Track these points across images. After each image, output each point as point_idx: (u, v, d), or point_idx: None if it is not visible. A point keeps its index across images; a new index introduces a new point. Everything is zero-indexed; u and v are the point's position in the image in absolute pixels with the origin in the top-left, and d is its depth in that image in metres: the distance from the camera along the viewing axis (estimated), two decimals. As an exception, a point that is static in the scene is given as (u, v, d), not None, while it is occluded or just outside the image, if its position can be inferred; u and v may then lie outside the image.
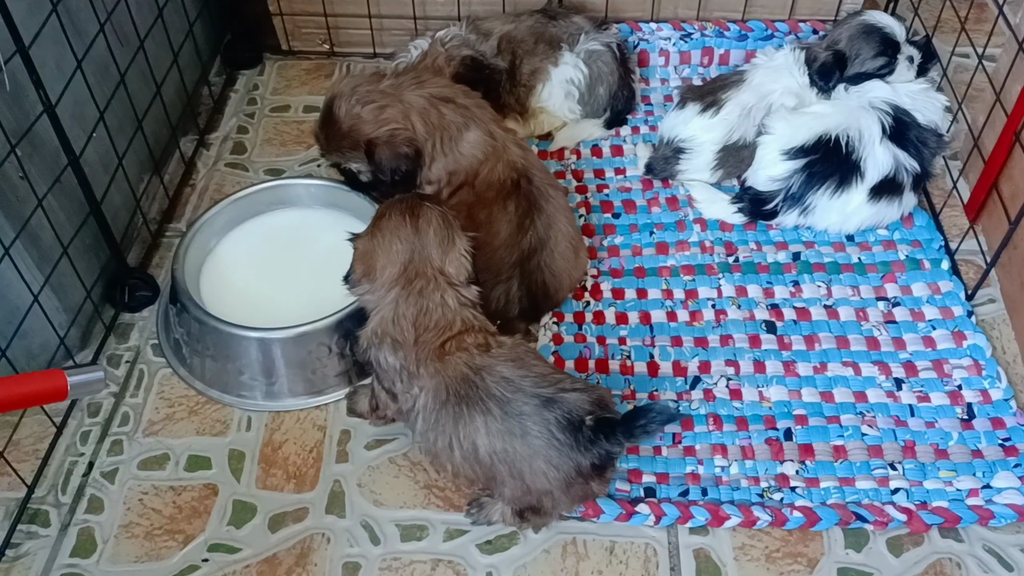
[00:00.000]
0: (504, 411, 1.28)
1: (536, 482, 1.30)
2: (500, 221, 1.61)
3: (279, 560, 1.42)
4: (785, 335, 1.67)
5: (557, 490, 1.31)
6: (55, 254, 1.56)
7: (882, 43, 1.82)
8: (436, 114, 1.63)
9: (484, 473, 1.33)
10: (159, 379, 1.67)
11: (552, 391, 1.28)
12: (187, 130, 2.10)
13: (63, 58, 1.56)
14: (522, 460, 1.28)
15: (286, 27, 2.26)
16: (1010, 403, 1.55)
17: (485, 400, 1.29)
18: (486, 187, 1.62)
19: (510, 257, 1.61)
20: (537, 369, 1.31)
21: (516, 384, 1.29)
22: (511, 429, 1.28)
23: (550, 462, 1.27)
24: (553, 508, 1.37)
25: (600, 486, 1.34)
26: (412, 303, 1.34)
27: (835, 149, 1.74)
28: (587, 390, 1.30)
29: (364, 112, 1.62)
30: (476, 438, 1.29)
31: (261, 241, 1.80)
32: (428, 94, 1.64)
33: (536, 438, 1.27)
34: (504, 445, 1.28)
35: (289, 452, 1.55)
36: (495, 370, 1.30)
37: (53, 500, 1.51)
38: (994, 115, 1.74)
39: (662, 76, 2.19)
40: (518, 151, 1.67)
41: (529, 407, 1.27)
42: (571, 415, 1.26)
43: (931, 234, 1.82)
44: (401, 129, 1.62)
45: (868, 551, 1.41)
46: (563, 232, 1.66)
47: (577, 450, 1.26)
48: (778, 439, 1.52)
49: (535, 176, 1.65)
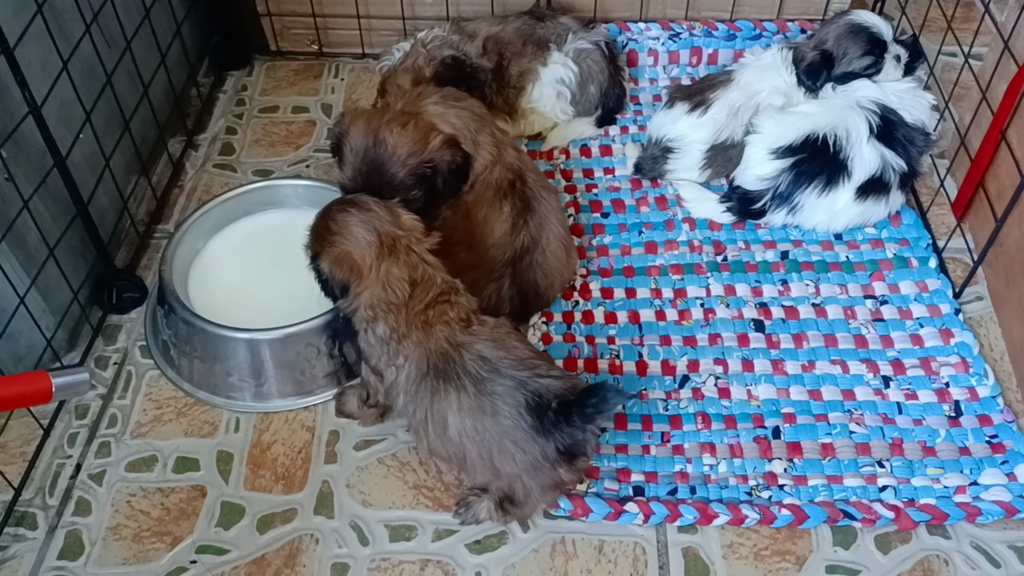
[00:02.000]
0: (478, 389, 1.29)
1: (504, 465, 1.30)
2: (495, 220, 1.61)
3: (267, 561, 1.42)
4: (773, 333, 1.67)
5: (525, 475, 1.31)
6: (41, 256, 1.55)
7: (869, 42, 1.82)
8: (454, 114, 1.62)
9: (454, 452, 1.34)
10: (147, 381, 1.66)
11: (528, 374, 1.29)
12: (175, 131, 2.09)
13: (49, 59, 1.56)
14: (491, 440, 1.29)
15: (274, 28, 2.25)
16: (997, 400, 1.56)
17: (461, 376, 1.30)
18: (485, 187, 1.63)
19: (503, 255, 1.62)
20: (517, 352, 1.32)
21: (493, 364, 1.30)
22: (482, 407, 1.28)
23: (517, 444, 1.28)
24: (526, 497, 1.36)
25: (569, 474, 1.33)
26: (403, 263, 1.37)
27: (823, 148, 1.75)
28: (563, 377, 1.31)
29: (409, 134, 1.57)
30: (448, 414, 1.31)
31: (249, 242, 1.80)
32: (440, 98, 1.64)
33: (506, 418, 1.27)
34: (474, 423, 1.29)
35: (277, 453, 1.55)
36: (474, 348, 1.32)
37: (40, 502, 1.50)
38: (980, 114, 1.75)
39: (651, 76, 2.19)
40: (514, 152, 1.68)
41: (502, 387, 1.28)
42: (542, 398, 1.27)
43: (919, 232, 1.82)
44: (441, 135, 1.59)
45: (856, 548, 1.41)
46: (555, 233, 1.67)
47: (543, 433, 1.27)
48: (766, 437, 1.52)
49: (529, 177, 1.66)
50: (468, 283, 1.60)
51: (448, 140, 1.59)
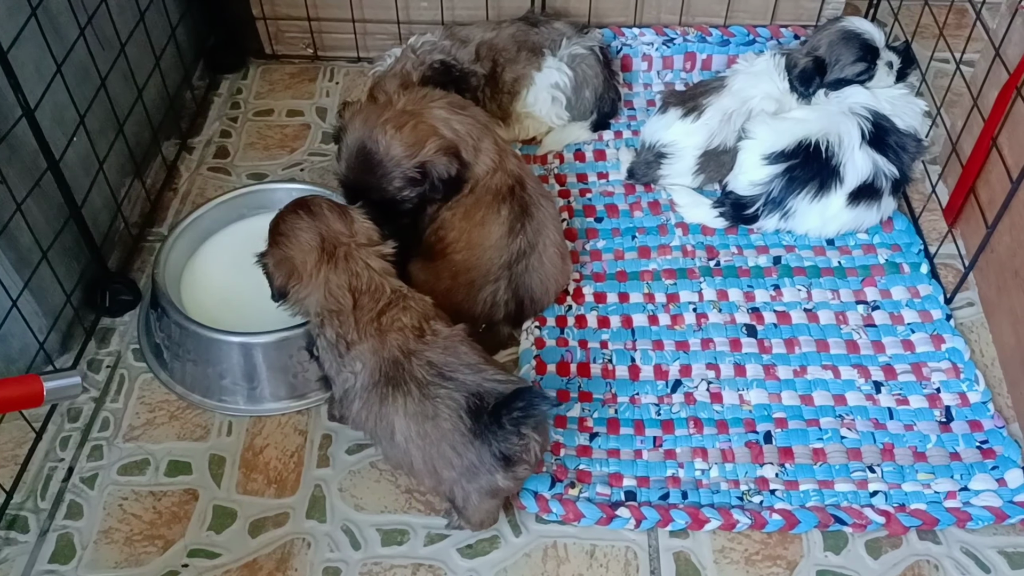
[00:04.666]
0: (422, 393, 1.29)
1: (443, 470, 1.30)
2: (493, 223, 1.62)
3: (259, 565, 1.42)
4: (766, 339, 1.67)
5: (463, 479, 1.30)
6: (34, 258, 1.55)
7: (862, 49, 1.83)
8: (458, 120, 1.62)
9: (402, 458, 1.34)
10: (140, 384, 1.66)
11: (473, 378, 1.29)
12: (170, 134, 2.09)
13: (43, 61, 1.56)
14: (431, 444, 1.29)
15: (269, 31, 2.26)
16: (988, 406, 1.57)
17: (408, 381, 1.30)
18: (485, 191, 1.63)
19: (499, 258, 1.62)
20: (466, 358, 1.32)
21: (438, 368, 1.30)
22: (424, 411, 1.28)
23: (454, 447, 1.27)
24: (465, 502, 1.35)
25: (507, 481, 1.30)
26: (341, 270, 1.38)
27: (815, 154, 1.76)
28: (510, 382, 1.29)
29: (405, 136, 1.57)
30: (395, 419, 1.31)
31: (243, 246, 1.77)
32: (446, 103, 1.63)
33: (445, 421, 1.27)
34: (417, 427, 1.29)
35: (270, 457, 1.55)
36: (424, 355, 1.32)
37: (32, 506, 1.50)
38: (972, 120, 1.76)
39: (645, 81, 2.20)
40: (515, 160, 1.68)
41: (444, 390, 1.28)
42: (482, 401, 1.26)
43: (911, 238, 1.83)
44: (441, 140, 1.59)
45: (847, 553, 1.42)
46: (551, 239, 1.67)
47: (479, 437, 1.26)
48: (758, 442, 1.53)
49: (528, 184, 1.67)
50: (465, 284, 1.62)
51: (446, 147, 1.59)
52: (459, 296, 1.60)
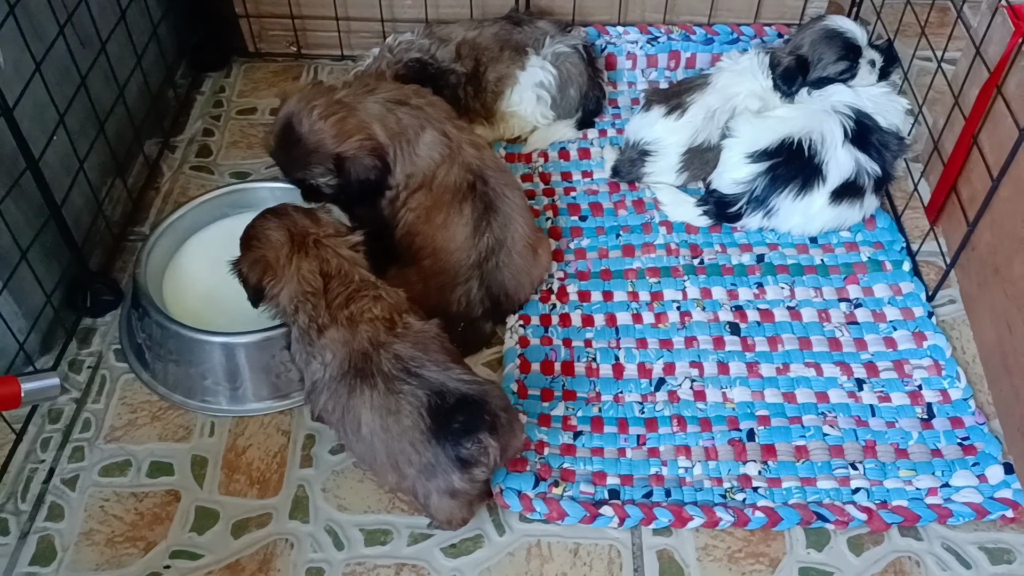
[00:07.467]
0: (387, 387, 1.29)
1: (404, 467, 1.30)
2: (456, 224, 1.61)
3: (242, 566, 1.41)
4: (749, 336, 1.68)
5: (422, 477, 1.30)
6: (13, 258, 1.54)
7: (844, 48, 1.84)
8: (394, 119, 1.62)
9: (366, 452, 1.35)
10: (121, 384, 1.65)
11: (438, 376, 1.29)
12: (151, 133, 2.08)
13: (21, 59, 1.54)
14: (394, 439, 1.29)
15: (253, 29, 2.25)
16: (969, 403, 1.58)
17: (375, 374, 1.31)
18: (442, 190, 1.62)
19: (467, 259, 1.61)
20: (435, 355, 1.32)
21: (405, 362, 1.30)
22: (388, 405, 1.29)
23: (414, 444, 1.28)
24: (427, 500, 1.35)
25: (463, 483, 1.30)
26: (312, 257, 1.41)
27: (798, 152, 1.76)
28: (474, 383, 1.29)
29: (328, 126, 1.59)
30: (361, 411, 1.31)
31: (225, 245, 1.76)
32: (383, 99, 1.64)
33: (406, 417, 1.27)
34: (381, 422, 1.29)
35: (253, 457, 1.54)
36: (392, 347, 1.32)
37: (12, 508, 1.49)
38: (953, 118, 1.76)
39: (629, 79, 2.20)
40: (473, 151, 1.66)
41: (408, 386, 1.28)
42: (443, 401, 1.26)
43: (893, 236, 1.84)
44: (367, 140, 1.60)
45: (829, 550, 1.42)
46: (520, 233, 1.66)
47: (436, 436, 1.26)
48: (741, 440, 1.53)
49: (491, 177, 1.65)
50: (436, 288, 1.61)
51: (371, 147, 1.60)
52: (432, 299, 1.59)
